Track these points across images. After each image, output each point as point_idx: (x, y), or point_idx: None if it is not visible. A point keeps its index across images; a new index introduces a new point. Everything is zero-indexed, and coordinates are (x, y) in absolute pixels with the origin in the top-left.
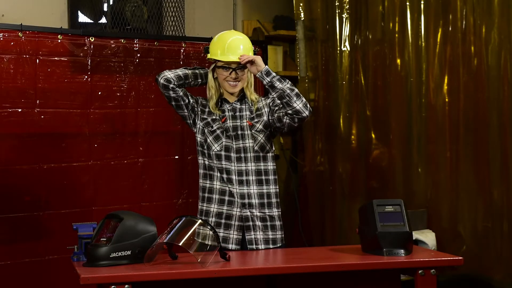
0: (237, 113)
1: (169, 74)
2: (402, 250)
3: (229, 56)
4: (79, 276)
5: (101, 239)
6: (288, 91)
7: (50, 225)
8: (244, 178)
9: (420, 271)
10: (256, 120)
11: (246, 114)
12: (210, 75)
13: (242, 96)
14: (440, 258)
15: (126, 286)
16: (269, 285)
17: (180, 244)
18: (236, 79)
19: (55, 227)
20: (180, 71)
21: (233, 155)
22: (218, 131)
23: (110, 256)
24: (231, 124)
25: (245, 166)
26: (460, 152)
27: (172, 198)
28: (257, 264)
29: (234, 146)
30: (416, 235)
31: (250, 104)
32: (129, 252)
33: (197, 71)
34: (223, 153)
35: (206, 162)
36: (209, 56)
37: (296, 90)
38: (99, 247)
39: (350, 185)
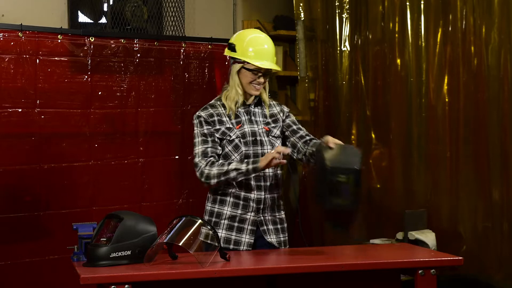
0: (253, 118)
1: (216, 185)
2: (343, 227)
3: (265, 62)
4: (79, 276)
5: (101, 239)
6: None
7: (50, 225)
8: (262, 183)
9: (420, 271)
10: (272, 125)
11: (260, 120)
12: (236, 77)
13: (259, 100)
14: (440, 258)
15: (126, 286)
16: (269, 285)
17: (180, 244)
18: (261, 83)
19: (55, 227)
20: (226, 178)
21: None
22: (236, 140)
23: (110, 256)
24: (249, 129)
25: (263, 173)
26: (460, 152)
27: (172, 198)
28: (257, 264)
29: (252, 152)
30: (416, 235)
31: (263, 109)
32: (129, 252)
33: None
34: None
35: None
36: (236, 55)
37: None
38: (99, 247)
39: None
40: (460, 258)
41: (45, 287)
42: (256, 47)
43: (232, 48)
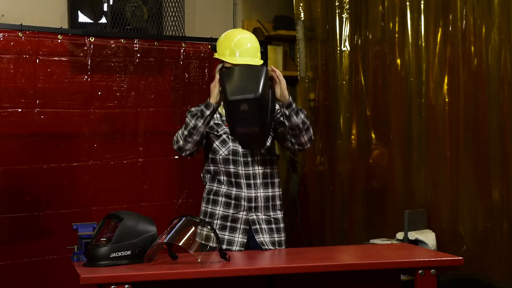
0: None
1: (188, 146)
2: (254, 147)
3: (237, 58)
4: (79, 276)
5: (101, 239)
6: (301, 125)
7: (50, 225)
8: (252, 181)
9: (420, 271)
10: None
11: None
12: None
13: None
14: (440, 258)
15: (126, 286)
16: (269, 285)
17: (180, 244)
18: None
19: (55, 227)
20: (188, 130)
21: (240, 159)
22: (224, 136)
23: (110, 256)
24: None
25: (253, 170)
26: (460, 152)
27: (172, 198)
28: (257, 264)
29: (241, 150)
30: (416, 235)
31: None
32: (129, 252)
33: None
34: (230, 157)
35: (211, 167)
36: (216, 55)
37: (308, 123)
38: (99, 247)
39: (350, 185)
40: (460, 258)
41: (45, 287)
42: (232, 45)
43: (214, 49)
